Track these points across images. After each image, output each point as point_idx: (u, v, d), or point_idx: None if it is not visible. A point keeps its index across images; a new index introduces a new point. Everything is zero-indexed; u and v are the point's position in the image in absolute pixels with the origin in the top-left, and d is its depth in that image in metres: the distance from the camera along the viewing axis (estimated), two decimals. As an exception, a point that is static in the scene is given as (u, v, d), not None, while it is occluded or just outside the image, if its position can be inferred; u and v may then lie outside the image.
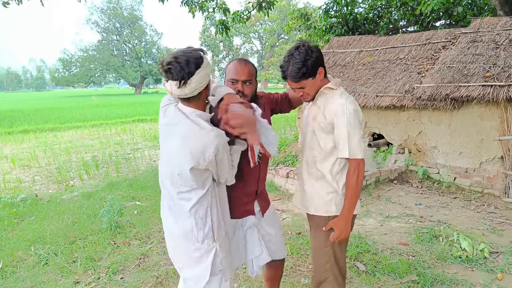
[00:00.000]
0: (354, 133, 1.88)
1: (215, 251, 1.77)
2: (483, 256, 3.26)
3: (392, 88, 5.96)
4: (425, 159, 5.71)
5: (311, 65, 1.87)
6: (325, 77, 2.00)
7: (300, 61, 1.86)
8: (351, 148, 1.87)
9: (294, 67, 1.88)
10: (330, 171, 1.99)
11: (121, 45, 57.72)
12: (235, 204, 2.03)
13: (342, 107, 1.89)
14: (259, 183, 2.11)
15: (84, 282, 3.07)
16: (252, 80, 1.96)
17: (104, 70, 55.80)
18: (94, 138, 12.13)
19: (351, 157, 1.89)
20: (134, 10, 57.85)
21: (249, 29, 52.69)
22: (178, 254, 1.85)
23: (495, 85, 4.74)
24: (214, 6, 9.03)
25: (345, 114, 1.88)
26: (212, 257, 1.76)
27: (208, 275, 1.76)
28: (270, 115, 2.19)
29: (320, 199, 2.03)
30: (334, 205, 2.00)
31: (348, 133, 1.87)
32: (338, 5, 10.53)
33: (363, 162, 1.93)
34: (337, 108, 1.90)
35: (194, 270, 1.79)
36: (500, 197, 4.86)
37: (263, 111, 1.93)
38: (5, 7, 7.90)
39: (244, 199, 2.07)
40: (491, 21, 5.93)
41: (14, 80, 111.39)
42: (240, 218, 2.09)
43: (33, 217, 4.63)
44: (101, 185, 6.16)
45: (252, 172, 2.02)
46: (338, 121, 1.89)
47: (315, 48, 1.91)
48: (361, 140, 1.92)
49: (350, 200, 1.93)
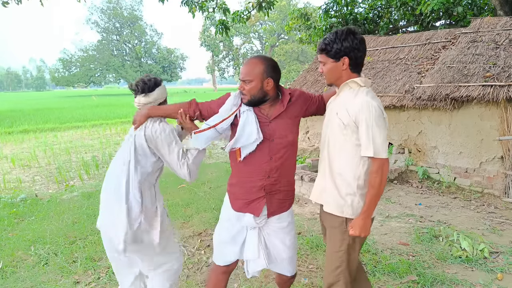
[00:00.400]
0: (380, 132, 1.81)
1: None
2: (483, 256, 3.26)
3: (392, 88, 5.96)
4: (425, 159, 5.71)
5: (336, 48, 1.86)
6: (356, 72, 1.94)
7: (330, 39, 1.88)
8: (376, 147, 1.80)
9: (322, 40, 1.91)
10: (351, 170, 1.91)
11: (121, 45, 57.76)
12: (236, 196, 2.07)
13: (368, 104, 1.82)
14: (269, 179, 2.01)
15: (84, 282, 3.07)
16: (254, 80, 1.92)
17: (104, 70, 55.84)
18: (94, 138, 12.12)
19: (375, 156, 1.81)
20: (134, 10, 57.92)
21: (249, 29, 52.69)
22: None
23: (495, 85, 4.74)
24: (214, 6, 9.02)
25: (371, 112, 1.81)
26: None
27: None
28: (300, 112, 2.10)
29: (338, 198, 1.95)
30: (351, 206, 1.93)
31: (373, 131, 1.80)
32: (338, 5, 10.54)
33: (388, 162, 1.85)
34: (362, 104, 1.83)
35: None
36: (500, 197, 4.86)
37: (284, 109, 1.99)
38: (4, 7, 7.90)
39: (248, 195, 2.02)
40: (491, 21, 5.93)
41: (14, 80, 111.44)
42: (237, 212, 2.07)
43: (33, 217, 4.63)
44: (101, 185, 6.14)
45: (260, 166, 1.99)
46: (362, 118, 1.82)
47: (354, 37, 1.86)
48: (386, 139, 1.85)
49: (372, 200, 1.85)
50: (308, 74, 7.98)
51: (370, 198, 1.86)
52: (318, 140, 7.73)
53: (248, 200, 2.04)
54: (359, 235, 1.89)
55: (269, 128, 1.98)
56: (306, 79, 7.84)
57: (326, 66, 1.94)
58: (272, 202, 2.05)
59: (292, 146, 2.05)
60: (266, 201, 2.03)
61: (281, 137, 2.00)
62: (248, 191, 2.03)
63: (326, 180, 2.02)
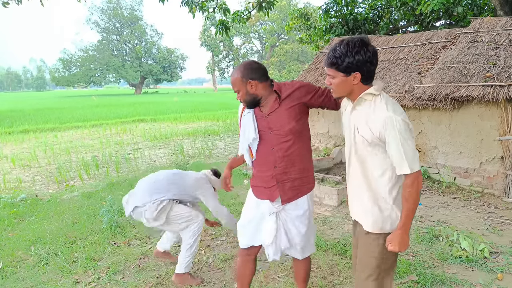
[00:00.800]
0: (409, 146, 1.72)
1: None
2: (483, 256, 3.26)
3: (392, 88, 5.96)
4: (425, 159, 5.71)
5: (348, 62, 1.72)
6: (368, 84, 1.81)
7: (342, 51, 1.73)
8: (410, 163, 1.71)
9: (332, 53, 1.76)
10: (384, 186, 1.84)
11: (121, 45, 57.74)
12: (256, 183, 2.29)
13: (391, 120, 1.72)
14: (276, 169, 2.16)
15: (84, 282, 3.07)
16: (239, 89, 2.11)
17: (104, 70, 55.80)
18: (94, 138, 12.13)
19: (411, 172, 1.72)
20: (134, 10, 57.86)
21: (249, 29, 52.71)
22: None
23: (495, 85, 4.74)
24: (214, 6, 9.03)
25: (395, 128, 1.71)
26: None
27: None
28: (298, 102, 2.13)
29: (375, 215, 1.87)
30: (389, 222, 1.86)
31: (403, 147, 1.71)
32: (338, 5, 10.54)
33: (421, 174, 1.77)
34: (385, 121, 1.73)
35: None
36: (500, 197, 4.86)
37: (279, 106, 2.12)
38: (5, 7, 7.90)
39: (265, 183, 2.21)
40: (491, 21, 5.93)
41: (14, 80, 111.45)
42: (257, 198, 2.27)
43: (33, 217, 4.63)
44: (101, 185, 6.16)
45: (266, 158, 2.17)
46: (389, 136, 1.73)
47: (366, 50, 1.72)
48: (416, 150, 1.76)
49: (409, 215, 1.77)
50: (308, 74, 7.98)
51: (406, 213, 1.77)
52: (318, 140, 7.73)
53: (264, 187, 2.22)
54: (399, 251, 1.82)
55: (266, 122, 2.14)
56: (306, 79, 7.84)
57: (335, 80, 1.81)
58: (284, 190, 2.18)
59: (294, 134, 2.11)
60: (279, 189, 2.17)
61: (278, 128, 2.11)
62: (263, 180, 2.22)
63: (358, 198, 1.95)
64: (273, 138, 2.12)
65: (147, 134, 12.45)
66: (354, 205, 1.99)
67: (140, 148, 10.14)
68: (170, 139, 11.55)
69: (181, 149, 9.13)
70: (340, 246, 3.52)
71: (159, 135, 12.05)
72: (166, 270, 3.23)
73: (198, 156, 8.66)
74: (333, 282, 2.96)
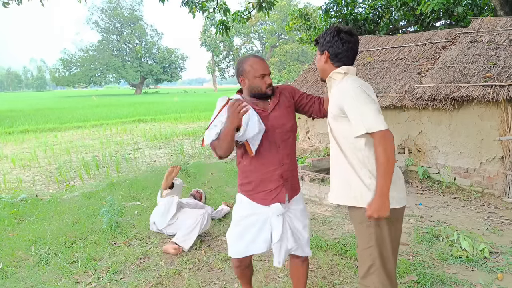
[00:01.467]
0: (366, 107, 1.73)
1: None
2: (483, 256, 3.26)
3: (392, 88, 5.96)
4: (425, 159, 5.72)
5: (322, 42, 1.99)
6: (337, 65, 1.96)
7: (324, 32, 2.00)
8: (367, 123, 1.71)
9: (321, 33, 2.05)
10: (358, 159, 1.85)
11: (122, 45, 57.75)
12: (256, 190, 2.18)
13: (347, 90, 1.81)
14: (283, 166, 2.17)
15: (84, 282, 3.07)
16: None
17: (104, 70, 55.81)
18: (95, 138, 12.13)
19: (370, 131, 1.70)
20: (134, 10, 57.88)
21: (249, 29, 52.70)
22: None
23: (495, 85, 4.74)
24: (214, 6, 9.03)
25: (350, 95, 1.77)
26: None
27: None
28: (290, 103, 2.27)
29: (354, 189, 1.87)
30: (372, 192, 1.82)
31: (360, 110, 1.73)
32: (338, 5, 10.54)
33: (389, 132, 1.72)
34: (340, 91, 1.83)
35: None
36: (500, 197, 4.86)
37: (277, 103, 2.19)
38: (5, 7, 7.91)
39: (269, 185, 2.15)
40: (491, 21, 5.93)
41: (15, 80, 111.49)
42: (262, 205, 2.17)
43: (33, 217, 4.63)
44: (101, 185, 6.16)
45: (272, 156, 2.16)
46: (346, 104, 1.78)
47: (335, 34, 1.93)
48: (379, 112, 1.75)
49: (384, 176, 1.72)
50: (308, 74, 7.98)
51: (380, 175, 1.73)
52: (318, 140, 7.73)
53: (269, 190, 2.16)
54: (376, 216, 1.76)
55: (270, 119, 2.16)
56: (307, 79, 7.84)
57: (316, 58, 2.08)
58: (290, 187, 2.23)
59: (293, 133, 2.25)
60: (285, 187, 2.19)
61: (281, 126, 2.18)
62: (267, 182, 2.16)
63: (335, 175, 2.00)
64: (278, 135, 2.17)
65: (147, 134, 12.46)
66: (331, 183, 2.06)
67: (140, 148, 10.14)
68: (171, 139, 11.55)
69: (181, 149, 9.13)
70: (340, 246, 3.52)
71: (159, 135, 12.06)
72: (166, 270, 3.23)
73: (198, 156, 8.67)
74: (333, 282, 2.96)
